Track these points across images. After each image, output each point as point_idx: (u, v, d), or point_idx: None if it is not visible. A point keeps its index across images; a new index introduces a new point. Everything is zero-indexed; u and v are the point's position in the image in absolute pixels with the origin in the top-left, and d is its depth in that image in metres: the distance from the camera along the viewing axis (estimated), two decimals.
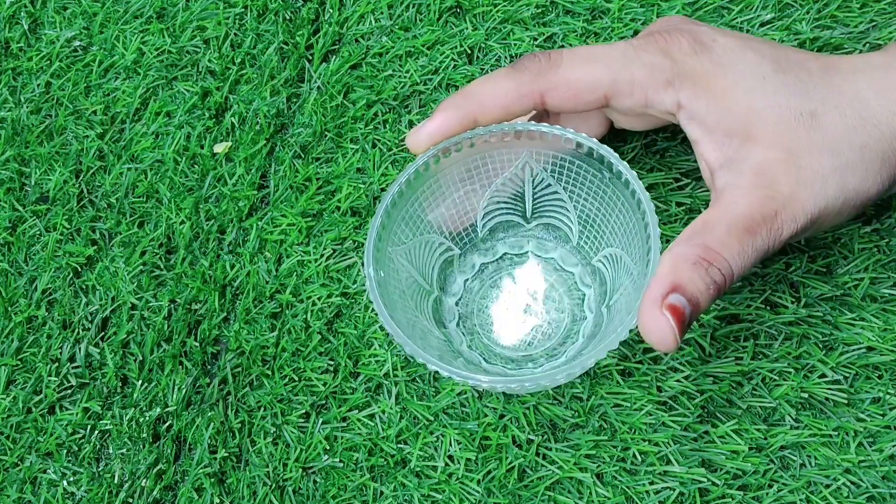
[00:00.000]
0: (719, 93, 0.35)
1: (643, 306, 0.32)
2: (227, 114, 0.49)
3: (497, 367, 0.41)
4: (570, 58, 0.36)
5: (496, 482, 0.41)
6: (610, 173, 0.37)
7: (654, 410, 0.41)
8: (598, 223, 0.40)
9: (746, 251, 0.33)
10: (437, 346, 0.38)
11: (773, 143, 0.34)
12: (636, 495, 0.40)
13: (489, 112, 0.37)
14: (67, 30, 0.52)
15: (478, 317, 0.42)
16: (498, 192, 0.41)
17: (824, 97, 0.35)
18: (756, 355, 0.41)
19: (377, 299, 0.35)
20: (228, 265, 0.46)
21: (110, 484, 0.43)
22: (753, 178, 0.34)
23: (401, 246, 0.39)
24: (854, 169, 0.35)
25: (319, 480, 0.42)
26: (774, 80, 0.35)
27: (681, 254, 0.33)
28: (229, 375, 0.44)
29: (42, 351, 0.46)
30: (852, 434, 0.40)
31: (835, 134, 0.34)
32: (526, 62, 0.37)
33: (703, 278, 0.32)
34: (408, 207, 0.39)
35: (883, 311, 0.41)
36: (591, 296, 0.42)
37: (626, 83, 0.36)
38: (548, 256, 0.43)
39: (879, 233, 0.43)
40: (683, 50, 0.36)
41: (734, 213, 0.34)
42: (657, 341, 0.32)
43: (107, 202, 0.48)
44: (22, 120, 0.50)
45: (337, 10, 0.50)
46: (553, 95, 0.37)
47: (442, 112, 0.37)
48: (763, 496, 0.39)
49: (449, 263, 0.43)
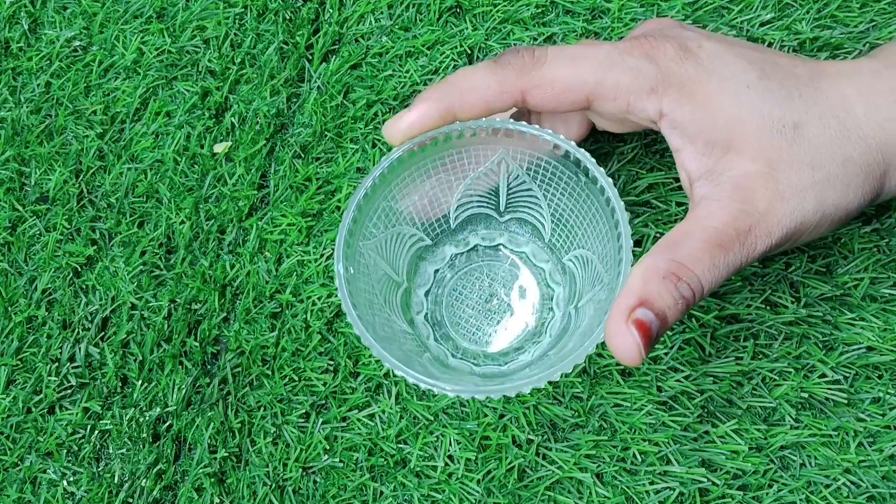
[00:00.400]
0: (703, 101, 0.35)
1: (610, 319, 0.32)
2: (227, 114, 0.49)
3: (464, 362, 0.41)
4: (555, 56, 0.36)
5: (496, 482, 0.41)
6: (586, 178, 0.37)
7: (654, 410, 0.41)
8: (570, 223, 0.40)
9: (718, 266, 0.33)
10: (403, 343, 0.38)
11: (754, 156, 0.34)
12: (636, 495, 0.40)
13: (469, 106, 0.36)
14: (67, 30, 0.52)
15: (446, 309, 0.42)
16: (472, 186, 0.41)
17: (808, 106, 0.34)
18: (756, 355, 0.41)
19: (345, 297, 0.35)
20: (228, 265, 0.46)
21: (110, 484, 0.43)
22: (731, 192, 0.34)
23: (372, 240, 0.39)
24: (834, 183, 0.34)
25: (319, 480, 0.42)
26: (759, 89, 0.35)
27: (651, 266, 0.33)
28: (229, 375, 0.44)
29: (42, 351, 0.46)
30: (852, 434, 0.40)
31: (817, 146, 0.34)
32: (510, 57, 0.36)
33: (671, 293, 0.32)
34: (380, 201, 0.38)
35: (883, 310, 0.41)
36: (560, 294, 0.41)
37: (610, 87, 0.35)
38: (519, 250, 0.43)
39: (879, 233, 0.43)
40: (669, 56, 0.35)
41: (707, 227, 0.33)
42: (622, 356, 0.32)
43: (107, 202, 0.48)
44: (22, 120, 0.50)
45: (337, 10, 0.50)
46: (534, 94, 0.36)
47: (422, 103, 0.36)
48: (763, 496, 0.39)
49: (420, 254, 0.42)
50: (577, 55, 0.36)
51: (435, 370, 0.37)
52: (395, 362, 0.34)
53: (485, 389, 0.33)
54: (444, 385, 0.33)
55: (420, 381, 0.33)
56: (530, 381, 0.33)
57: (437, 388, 0.33)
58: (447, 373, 0.39)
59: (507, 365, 0.41)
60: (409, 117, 0.36)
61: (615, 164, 0.45)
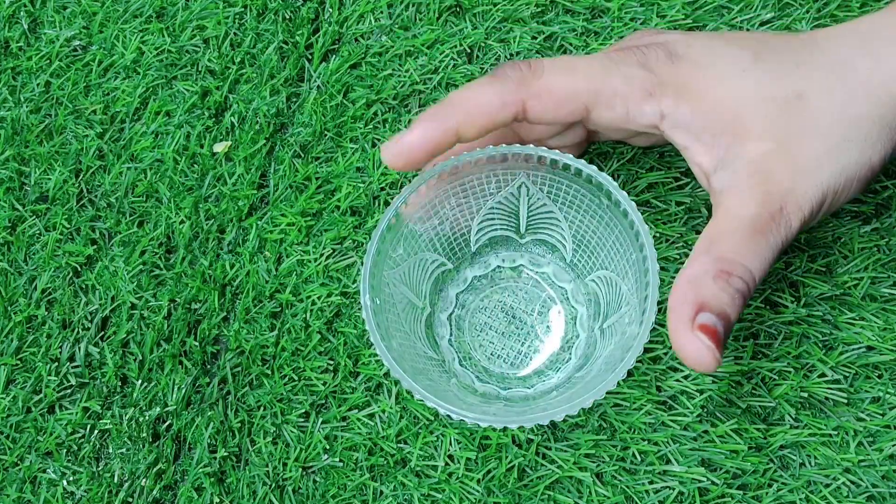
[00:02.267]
0: (701, 95, 0.35)
1: (674, 333, 0.32)
2: (227, 113, 0.49)
3: (489, 385, 0.41)
4: (551, 67, 0.36)
5: (496, 481, 0.41)
6: (608, 200, 0.37)
7: (653, 410, 0.41)
8: (592, 244, 0.40)
9: (762, 253, 0.33)
10: (431, 372, 0.38)
11: (763, 135, 0.34)
12: (636, 495, 0.40)
13: (473, 122, 0.35)
14: (67, 29, 0.52)
15: (469, 332, 0.42)
16: (493, 210, 0.41)
17: (809, 74, 0.34)
18: (756, 355, 0.41)
19: (373, 330, 0.35)
20: (228, 264, 0.46)
21: (110, 483, 0.43)
22: (750, 177, 0.34)
23: (396, 269, 0.39)
24: (851, 144, 0.34)
25: (319, 480, 0.42)
26: (755, 71, 0.35)
27: (699, 271, 0.33)
28: (229, 375, 0.44)
29: (42, 350, 0.46)
30: (852, 433, 0.40)
31: (825, 112, 0.34)
32: (507, 70, 0.36)
33: (726, 290, 0.32)
34: (402, 229, 0.38)
35: (883, 310, 0.41)
36: (583, 314, 0.41)
37: (608, 94, 0.35)
38: (541, 271, 0.43)
39: (879, 232, 0.43)
40: (661, 61, 0.35)
41: (740, 217, 0.33)
42: (696, 364, 0.32)
43: (106, 201, 0.48)
44: (21, 119, 0.50)
45: (336, 10, 0.50)
46: (535, 104, 0.35)
47: (422, 124, 0.35)
48: (763, 495, 0.39)
49: (442, 279, 0.43)
50: (572, 66, 0.36)
51: (465, 398, 0.37)
52: (425, 394, 0.34)
53: (519, 419, 0.33)
54: (478, 415, 0.33)
55: (452, 412, 0.33)
56: (563, 409, 0.33)
57: (468, 418, 0.33)
58: (476, 398, 0.39)
59: (534, 388, 0.41)
60: (408, 138, 0.35)
61: (615, 163, 0.45)
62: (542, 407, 0.35)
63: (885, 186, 0.43)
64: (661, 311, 0.39)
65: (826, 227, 0.43)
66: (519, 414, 0.34)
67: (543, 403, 0.37)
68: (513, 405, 0.38)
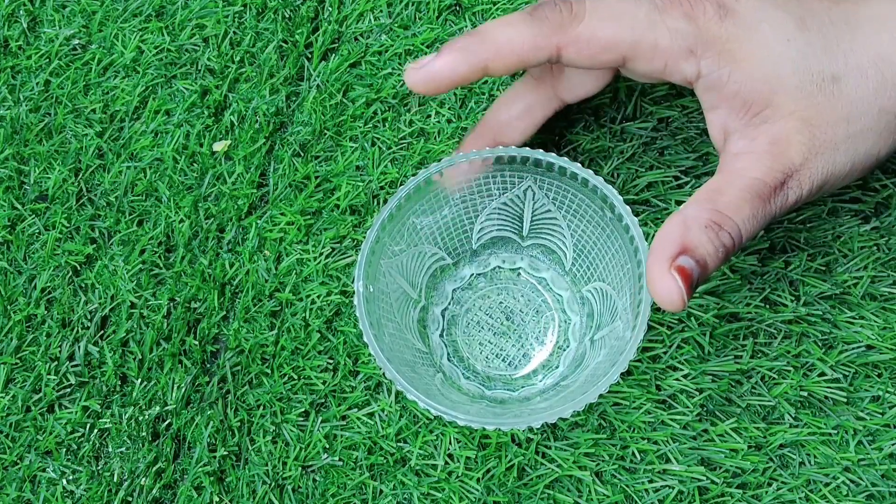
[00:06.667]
0: (742, 59, 0.34)
1: (652, 266, 0.32)
2: (227, 112, 0.49)
3: (474, 384, 0.41)
4: (593, 12, 0.34)
5: (496, 480, 0.41)
6: (611, 213, 0.37)
7: (653, 409, 0.41)
8: (592, 255, 0.40)
9: (756, 217, 0.33)
10: (417, 364, 0.38)
11: (792, 111, 0.34)
12: (635, 494, 0.40)
13: (503, 60, 0.34)
14: (66, 28, 0.52)
15: (461, 329, 0.42)
16: (496, 210, 0.41)
17: (847, 57, 0.34)
18: (755, 354, 0.41)
19: (363, 317, 0.35)
20: (228, 263, 0.46)
21: (109, 482, 0.43)
22: (768, 146, 0.34)
23: (393, 258, 0.39)
24: (867, 134, 0.34)
25: (319, 479, 0.42)
26: (799, 41, 0.34)
27: (693, 216, 0.33)
28: (228, 374, 0.44)
29: (41, 349, 0.46)
30: (851, 432, 0.40)
31: (855, 100, 0.34)
32: (547, 11, 0.35)
33: (713, 241, 0.32)
34: (404, 220, 0.38)
35: (882, 309, 0.41)
36: (576, 323, 0.41)
37: (648, 48, 0.34)
38: (539, 276, 0.43)
39: (879, 231, 0.43)
40: (708, 15, 0.34)
41: (746, 178, 0.34)
42: (665, 301, 0.32)
43: (106, 200, 0.48)
44: (21, 118, 0.50)
45: (336, 9, 0.50)
46: (570, 51, 0.34)
47: (451, 52, 0.34)
48: (762, 494, 0.39)
49: (440, 273, 0.43)
50: (615, 13, 0.35)
51: (448, 394, 0.37)
52: (405, 384, 0.34)
53: (495, 421, 0.33)
54: (457, 413, 0.33)
55: (431, 406, 0.33)
56: (542, 417, 0.33)
57: (446, 415, 0.33)
58: (458, 395, 0.39)
59: (519, 391, 0.41)
60: (434, 65, 0.34)
61: (615, 161, 0.45)
62: (522, 412, 0.35)
63: (884, 185, 0.43)
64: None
65: (826, 226, 0.43)
66: (497, 416, 0.34)
67: (524, 408, 0.37)
68: (494, 406, 0.39)
